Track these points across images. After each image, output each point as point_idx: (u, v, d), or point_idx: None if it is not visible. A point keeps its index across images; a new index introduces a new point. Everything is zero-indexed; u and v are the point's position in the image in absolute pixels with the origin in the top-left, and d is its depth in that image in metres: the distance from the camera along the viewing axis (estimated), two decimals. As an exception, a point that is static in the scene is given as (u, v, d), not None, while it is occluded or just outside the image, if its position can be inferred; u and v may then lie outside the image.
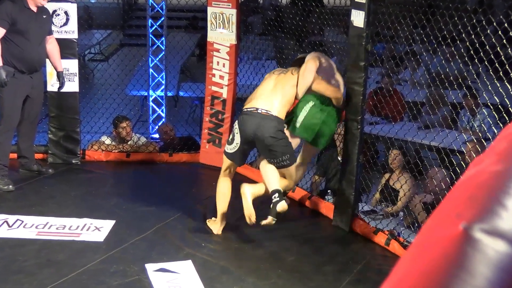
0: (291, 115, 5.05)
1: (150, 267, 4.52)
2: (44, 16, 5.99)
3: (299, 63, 5.16)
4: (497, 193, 0.80)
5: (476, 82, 6.68)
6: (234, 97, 6.91)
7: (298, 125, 5.00)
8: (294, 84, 4.97)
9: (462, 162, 5.29)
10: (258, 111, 4.82)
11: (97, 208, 5.58)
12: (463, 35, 4.85)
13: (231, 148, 4.96)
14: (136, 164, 6.95)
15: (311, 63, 5.00)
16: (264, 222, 4.77)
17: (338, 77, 5.20)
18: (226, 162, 5.06)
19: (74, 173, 6.51)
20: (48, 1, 6.00)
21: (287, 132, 4.99)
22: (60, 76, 6.26)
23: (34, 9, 5.88)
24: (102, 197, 5.94)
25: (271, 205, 4.72)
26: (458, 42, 5.12)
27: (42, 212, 5.43)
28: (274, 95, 4.91)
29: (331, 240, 5.26)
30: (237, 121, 4.96)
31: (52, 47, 6.18)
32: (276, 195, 4.73)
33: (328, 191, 6.34)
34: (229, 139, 5.00)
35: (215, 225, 5.13)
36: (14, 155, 6.25)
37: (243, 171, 6.27)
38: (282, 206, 4.70)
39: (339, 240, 5.28)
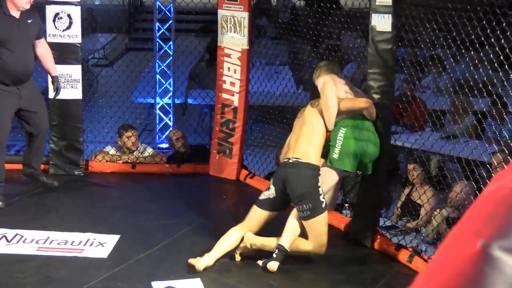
0: (326, 148, 5.02)
1: (157, 285, 4.54)
2: (29, 21, 5.85)
3: (316, 95, 5.20)
4: None
5: (505, 89, 6.67)
6: (246, 105, 6.94)
7: (335, 156, 4.95)
8: (318, 117, 5.00)
9: (490, 174, 5.28)
10: (290, 161, 4.90)
11: (101, 222, 5.62)
12: (492, 39, 4.86)
13: (263, 195, 4.99)
14: (142, 175, 6.99)
15: (328, 89, 5.01)
16: (258, 262, 4.89)
17: (356, 92, 5.22)
18: (253, 213, 5.00)
19: (76, 185, 6.56)
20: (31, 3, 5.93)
21: (324, 169, 4.95)
22: (54, 80, 6.16)
23: (17, 14, 5.76)
24: (106, 210, 5.98)
25: (268, 259, 4.82)
26: (486, 47, 5.13)
27: (43, 226, 5.46)
28: (301, 138, 4.95)
29: (349, 257, 5.26)
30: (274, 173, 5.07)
31: (42, 51, 6.08)
32: (277, 252, 4.81)
33: (346, 204, 6.34)
34: (267, 187, 5.04)
35: (197, 261, 4.78)
36: (12, 166, 6.31)
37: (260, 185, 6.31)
38: (271, 266, 4.79)
39: (358, 257, 5.28)
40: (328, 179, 4.98)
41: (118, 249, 5.11)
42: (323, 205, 4.80)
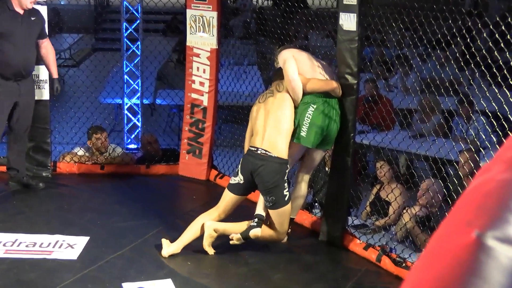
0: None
1: (128, 286, 4.52)
2: (33, 18, 5.97)
3: (280, 75, 5.22)
4: (507, 201, 0.85)
5: (471, 88, 6.75)
6: (216, 105, 6.93)
7: (304, 134, 4.99)
8: (286, 103, 5.04)
9: (457, 172, 5.34)
10: (258, 151, 4.93)
11: (70, 224, 5.56)
12: (458, 38, 4.92)
13: (233, 180, 5.10)
14: (111, 176, 6.94)
15: (289, 69, 5.03)
16: (233, 237, 4.96)
17: (321, 65, 5.23)
18: (224, 197, 5.14)
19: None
20: (35, 3, 5.97)
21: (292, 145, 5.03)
22: (55, 82, 6.32)
23: (21, 11, 5.87)
24: (75, 212, 5.92)
25: (247, 227, 4.94)
26: (452, 46, 5.18)
27: (10, 229, 5.39)
28: (269, 128, 4.97)
29: (320, 257, 5.28)
30: (241, 159, 5.11)
31: (46, 52, 6.20)
32: (256, 220, 4.95)
33: (315, 204, 6.37)
34: (235, 172, 5.13)
35: (167, 247, 5.02)
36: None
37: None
38: (255, 232, 4.90)
39: (328, 256, 5.30)
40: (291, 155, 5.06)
41: (88, 251, 5.07)
42: (286, 199, 4.96)
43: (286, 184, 4.94)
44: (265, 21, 8.10)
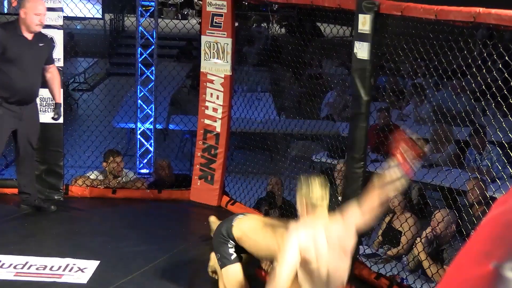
0: None
1: (137, 312, 4.51)
2: (41, 45, 5.99)
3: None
4: None
5: (486, 118, 6.74)
6: (228, 131, 6.94)
7: None
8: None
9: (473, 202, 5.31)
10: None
11: (81, 248, 5.56)
12: (473, 69, 4.92)
13: None
14: (123, 201, 6.94)
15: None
16: None
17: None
18: None
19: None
20: (42, 27, 6.01)
21: None
22: (56, 107, 6.28)
23: (29, 36, 5.90)
24: (86, 235, 5.92)
25: None
26: (468, 76, 5.19)
27: (21, 251, 5.39)
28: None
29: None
30: None
31: (51, 76, 6.21)
32: None
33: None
34: None
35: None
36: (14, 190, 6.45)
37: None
38: None
39: (340, 285, 5.26)
40: None
41: (98, 275, 5.06)
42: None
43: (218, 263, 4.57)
44: (277, 48, 8.13)
